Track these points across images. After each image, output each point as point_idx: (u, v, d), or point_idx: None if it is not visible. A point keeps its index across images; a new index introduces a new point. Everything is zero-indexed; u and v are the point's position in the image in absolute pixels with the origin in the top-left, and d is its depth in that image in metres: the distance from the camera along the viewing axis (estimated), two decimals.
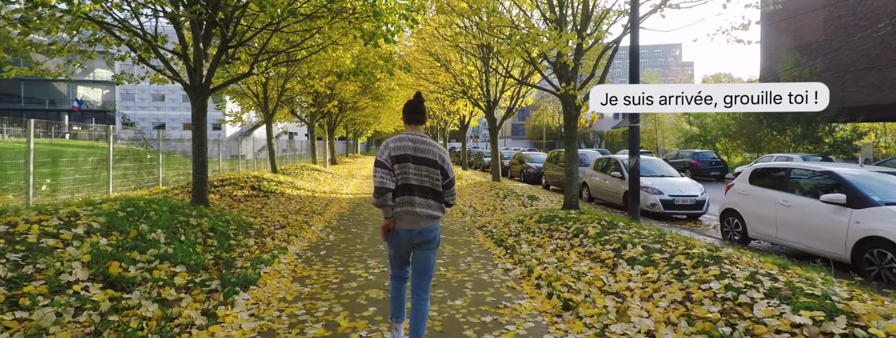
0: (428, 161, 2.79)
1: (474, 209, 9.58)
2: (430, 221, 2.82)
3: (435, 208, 2.84)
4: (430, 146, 2.82)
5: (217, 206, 8.26)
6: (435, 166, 2.80)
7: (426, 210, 2.79)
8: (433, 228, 2.85)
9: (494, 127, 15.70)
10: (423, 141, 2.82)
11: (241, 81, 13.39)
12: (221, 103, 20.98)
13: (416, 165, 2.78)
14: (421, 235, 2.82)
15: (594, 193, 11.68)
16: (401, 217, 2.79)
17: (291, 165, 18.20)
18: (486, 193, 11.48)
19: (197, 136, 8.30)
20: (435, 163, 2.80)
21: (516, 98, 15.06)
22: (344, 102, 22.22)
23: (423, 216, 2.78)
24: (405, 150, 2.78)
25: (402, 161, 2.77)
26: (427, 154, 2.80)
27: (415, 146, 2.79)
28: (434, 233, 2.87)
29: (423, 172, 2.79)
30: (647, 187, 9.44)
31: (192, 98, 8.27)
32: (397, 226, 2.81)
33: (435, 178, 2.81)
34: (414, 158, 2.78)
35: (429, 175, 2.80)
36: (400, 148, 2.79)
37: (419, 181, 2.78)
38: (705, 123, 30.48)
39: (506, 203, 10.14)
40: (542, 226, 6.67)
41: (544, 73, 9.82)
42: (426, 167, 2.79)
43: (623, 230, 5.39)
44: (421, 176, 2.78)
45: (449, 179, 2.86)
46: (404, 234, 2.81)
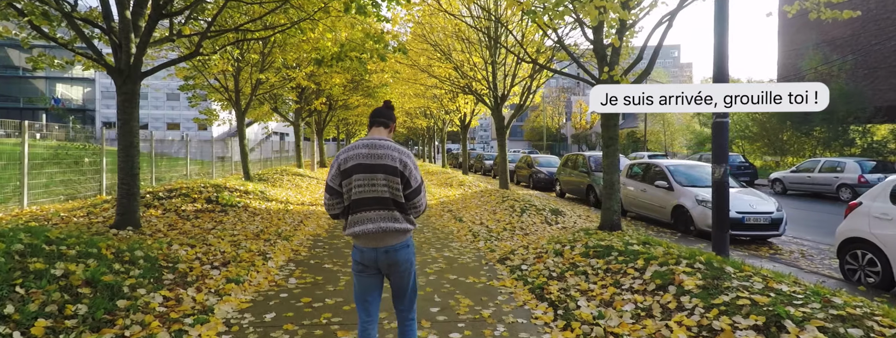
0: (385, 168, 2.33)
1: (488, 230, 7.58)
2: (398, 237, 2.39)
3: (401, 221, 2.39)
4: (387, 150, 2.36)
5: (152, 226, 6.24)
6: (394, 173, 2.34)
7: (391, 224, 2.35)
8: (404, 245, 2.41)
9: (502, 127, 13.69)
10: (381, 145, 2.38)
11: (204, 70, 11.35)
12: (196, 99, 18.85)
13: (371, 173, 2.33)
14: (388, 255, 2.38)
15: (627, 206, 9.71)
16: (360, 235, 2.36)
17: (270, 170, 16.11)
18: (498, 206, 9.48)
19: (124, 135, 6.27)
20: (394, 169, 2.34)
21: (527, 94, 13.07)
22: (333, 98, 20.19)
23: (390, 231, 2.35)
24: (357, 159, 2.35)
25: (351, 174, 2.35)
26: (384, 159, 2.34)
27: (369, 152, 2.36)
28: (405, 253, 2.42)
29: (381, 180, 2.33)
30: (705, 201, 7.48)
31: (118, 84, 6.25)
32: (359, 243, 2.40)
33: (394, 187, 2.35)
34: (366, 167, 2.33)
35: (388, 184, 2.34)
36: (350, 158, 2.36)
37: (376, 192, 2.34)
38: None
39: (525, 220, 8.14)
40: (596, 263, 4.67)
41: (574, 55, 7.86)
42: (382, 175, 2.33)
43: (743, 281, 3.41)
44: (377, 186, 2.34)
45: (412, 188, 2.38)
46: (368, 253, 2.38)
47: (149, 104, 44.88)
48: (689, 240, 7.41)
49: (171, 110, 44.85)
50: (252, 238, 6.15)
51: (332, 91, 17.75)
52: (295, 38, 9.66)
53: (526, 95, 13.03)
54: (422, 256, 5.81)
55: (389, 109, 2.59)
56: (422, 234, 7.38)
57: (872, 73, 22.01)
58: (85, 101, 47.02)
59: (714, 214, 4.91)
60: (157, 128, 44.82)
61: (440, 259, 5.66)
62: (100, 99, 43.76)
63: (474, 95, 14.01)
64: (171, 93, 42.83)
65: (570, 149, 61.57)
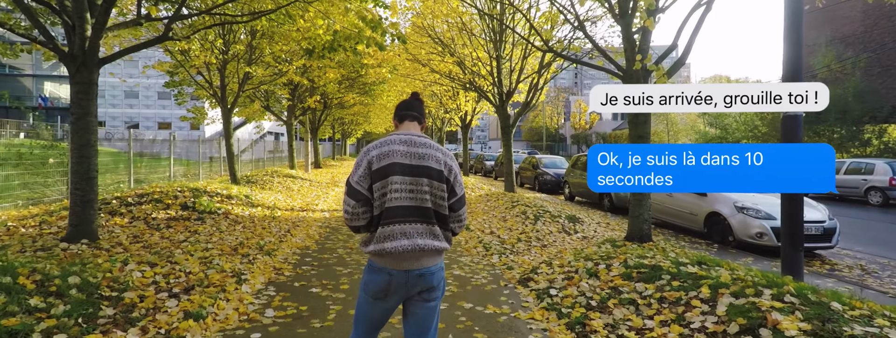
0: (429, 171, 1.91)
1: (500, 240, 6.69)
2: (435, 258, 1.96)
3: (441, 238, 1.97)
4: (431, 150, 1.94)
5: (112, 238, 5.34)
6: (439, 179, 1.92)
7: (430, 241, 1.92)
8: (439, 267, 1.99)
9: (507, 125, 12.82)
10: (422, 142, 1.95)
11: (186, 62, 10.42)
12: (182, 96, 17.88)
13: (412, 176, 1.89)
14: (423, 279, 1.93)
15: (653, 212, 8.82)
16: (392, 253, 1.88)
17: (260, 171, 15.18)
18: (508, 211, 8.60)
19: (78, 131, 5.38)
20: (439, 174, 1.93)
21: (533, 91, 12.20)
22: (328, 96, 19.28)
23: (428, 250, 1.92)
24: (392, 157, 1.89)
25: (385, 175, 1.88)
26: (427, 161, 1.92)
27: (408, 151, 1.92)
28: (440, 275, 1.99)
29: (424, 186, 1.90)
30: (746, 208, 6.62)
31: (71, 71, 5.35)
32: (384, 264, 1.91)
33: (439, 195, 1.93)
34: (407, 168, 1.89)
35: (431, 192, 1.92)
36: (384, 155, 1.89)
37: (417, 201, 1.90)
38: (726, 124, 27.87)
39: (541, 228, 7.26)
40: (645, 289, 3.79)
41: (595, 41, 7.01)
42: (427, 180, 1.91)
43: (866, 326, 2.54)
44: (420, 193, 1.90)
45: (457, 197, 1.99)
46: (398, 276, 1.90)
47: (140, 103, 43.83)
48: (728, 252, 6.54)
49: (162, 109, 43.78)
50: (228, 253, 5.24)
51: (326, 88, 16.85)
52: (284, 26, 8.76)
53: (532, 92, 12.17)
54: None
55: (419, 102, 2.15)
56: None
57: (886, 71, 21.26)
58: None
59: (785, 226, 4.04)
60: (148, 127, 43.76)
61: (450, 279, 4.77)
62: None
63: (478, 92, 13.13)
64: (162, 92, 41.79)
65: (570, 149, 60.80)
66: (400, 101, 2.31)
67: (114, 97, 43.27)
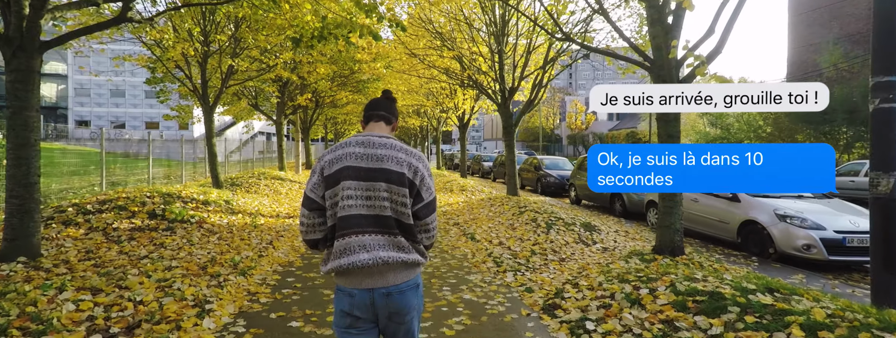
0: (387, 174, 1.65)
1: (512, 253, 5.89)
2: (404, 273, 1.68)
3: (409, 250, 1.69)
4: (391, 151, 1.69)
5: (59, 255, 4.51)
6: (400, 182, 1.65)
7: (394, 253, 1.65)
8: (411, 285, 1.70)
9: (510, 124, 12.02)
10: (382, 143, 1.70)
11: (162, 54, 9.55)
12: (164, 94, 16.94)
13: (368, 181, 1.64)
14: (391, 300, 1.66)
15: None
16: (350, 270, 1.64)
17: (245, 174, 14.29)
18: (515, 218, 7.80)
19: (15, 128, 4.52)
20: (400, 177, 1.65)
21: (537, 88, 11.44)
22: (319, 94, 18.43)
23: (393, 264, 1.65)
24: (345, 160, 1.67)
25: (337, 181, 1.65)
26: (386, 163, 1.66)
27: (364, 153, 1.68)
28: (413, 297, 1.70)
29: (382, 192, 1.64)
30: (789, 217, 5.86)
31: (6, 56, 4.50)
32: (345, 283, 1.68)
33: (400, 201, 1.66)
34: (361, 172, 1.65)
35: (390, 198, 1.65)
36: (336, 159, 1.68)
37: (375, 208, 1.65)
38: (728, 125, 27.27)
39: (555, 238, 6.47)
40: (710, 327, 3.00)
41: (619, 28, 6.24)
42: (385, 184, 1.65)
43: None
44: (377, 200, 1.65)
45: (423, 203, 1.70)
46: (361, 297, 1.65)
47: (126, 102, 42.68)
48: (771, 267, 5.78)
49: (149, 109, 42.62)
50: (194, 274, 4.40)
51: (317, 86, 16.00)
52: (269, 13, 7.93)
53: (536, 89, 11.41)
54: (432, 299, 4.12)
55: (390, 101, 1.92)
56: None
57: None
58: (59, 98, 44.60)
59: (878, 243, 3.28)
60: (135, 127, 42.62)
61: (460, 306, 3.97)
62: (73, 96, 41.42)
63: (479, 89, 12.33)
64: (149, 90, 40.61)
65: (566, 150, 60.22)
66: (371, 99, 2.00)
67: (99, 96, 42.08)
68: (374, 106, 1.88)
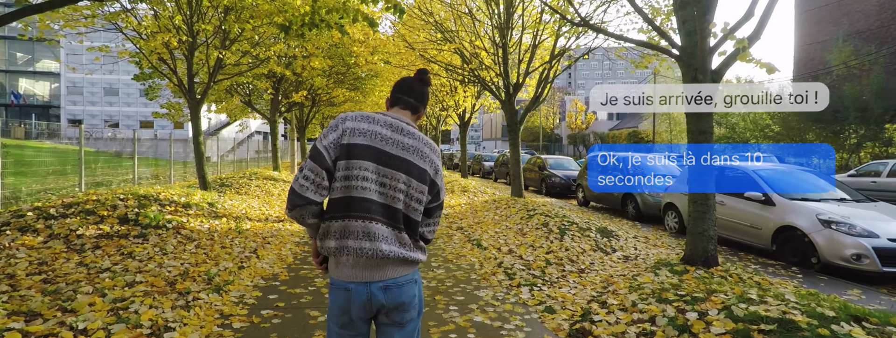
0: (410, 167, 1.56)
1: (524, 263, 5.27)
2: (403, 269, 1.59)
3: (410, 247, 1.60)
4: (419, 143, 1.58)
5: (7, 267, 3.87)
6: (421, 178, 1.57)
7: (397, 249, 1.55)
8: (409, 279, 1.60)
9: (515, 122, 11.41)
10: (410, 132, 1.60)
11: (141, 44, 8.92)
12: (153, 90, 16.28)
13: (388, 168, 1.54)
14: (389, 293, 1.56)
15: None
16: (345, 258, 1.54)
17: (236, 173, 13.64)
18: (524, 223, 7.18)
19: None
20: (422, 174, 1.58)
21: (542, 84, 10.85)
22: (315, 91, 17.81)
23: (393, 259, 1.55)
24: (371, 138, 1.54)
25: (360, 155, 1.52)
26: (411, 154, 1.57)
27: (392, 137, 1.56)
28: (411, 289, 1.60)
29: (400, 184, 1.55)
30: (834, 222, 5.25)
31: None
32: (340, 275, 1.57)
33: (416, 197, 1.57)
34: (383, 156, 1.53)
35: (407, 191, 1.56)
36: (361, 133, 1.53)
37: (387, 198, 1.54)
38: (733, 123, 26.69)
39: (570, 245, 5.85)
40: None
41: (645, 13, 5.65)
42: (405, 176, 1.55)
43: None
44: (392, 189, 1.54)
45: (438, 202, 1.67)
46: (358, 292, 1.54)
47: (120, 101, 41.97)
48: (817, 279, 5.17)
49: (144, 107, 41.87)
50: (160, 291, 3.77)
51: (313, 81, 15.37)
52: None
53: (542, 85, 10.81)
54: (438, 322, 3.50)
55: (425, 84, 1.72)
56: (429, 269, 5.06)
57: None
58: (52, 97, 43.87)
59: None
60: (129, 126, 41.88)
61: (471, 331, 3.35)
62: (65, 94, 40.69)
63: (482, 85, 11.72)
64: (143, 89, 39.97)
65: (566, 150, 59.67)
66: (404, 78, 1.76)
67: (92, 94, 41.33)
68: (406, 89, 1.71)
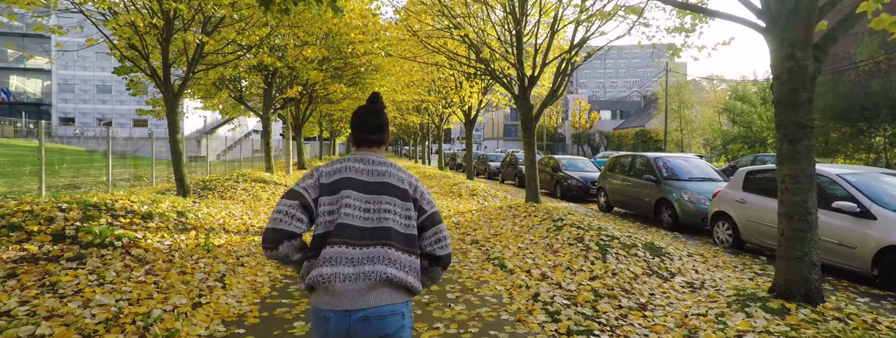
0: (391, 188, 1.62)
1: (566, 293, 4.11)
2: (388, 294, 1.50)
3: (405, 269, 1.54)
4: (391, 169, 1.66)
5: None
6: (404, 198, 1.62)
7: (385, 268, 1.50)
8: (394, 312, 1.50)
9: (529, 119, 10.20)
10: (381, 162, 1.67)
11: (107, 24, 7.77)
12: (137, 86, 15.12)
13: (369, 194, 1.60)
14: (367, 325, 1.46)
15: (750, 234, 6.31)
16: (326, 285, 1.48)
17: (222, 175, 12.48)
18: (553, 236, 6.03)
19: None
20: (404, 193, 1.63)
21: (561, 77, 9.69)
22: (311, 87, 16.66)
23: (377, 281, 1.49)
24: (346, 172, 1.62)
25: (337, 190, 1.59)
26: (387, 178, 1.63)
27: (364, 168, 1.65)
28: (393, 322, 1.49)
29: (384, 204, 1.58)
30: None
31: None
32: (322, 304, 1.49)
33: (404, 214, 1.60)
34: (361, 184, 1.61)
35: (393, 211, 1.59)
36: (336, 172, 1.62)
37: (373, 221, 1.56)
38: (750, 122, 25.53)
39: (616, 267, 4.70)
40: None
41: None
42: (388, 197, 1.60)
43: None
44: (378, 212, 1.57)
45: (427, 214, 1.65)
46: (337, 322, 1.46)
47: (112, 99, 40.83)
48: None
49: (137, 105, 40.66)
50: None
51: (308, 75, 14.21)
52: None
53: (560, 78, 9.65)
54: None
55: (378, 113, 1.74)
56: (446, 304, 3.90)
57: None
58: (44, 94, 42.72)
59: None
60: (122, 125, 40.80)
61: None
62: (57, 92, 39.54)
63: (493, 77, 10.54)
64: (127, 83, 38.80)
65: (570, 149, 58.55)
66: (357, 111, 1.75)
67: (84, 92, 40.17)
68: (365, 126, 1.72)
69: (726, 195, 6.71)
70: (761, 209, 6.09)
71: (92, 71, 39.74)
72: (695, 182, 8.50)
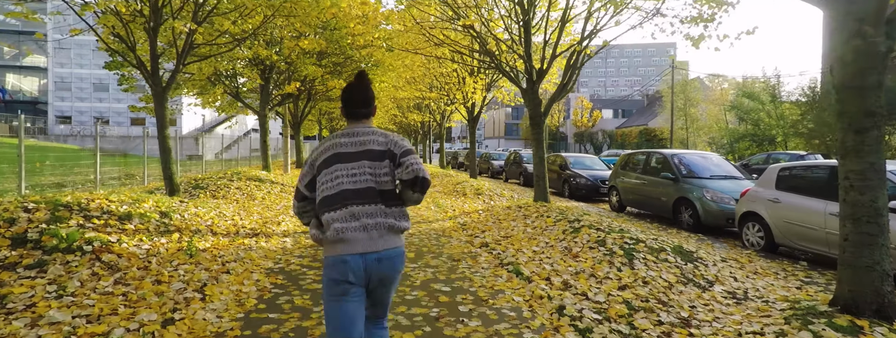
0: (369, 154, 1.95)
1: (596, 306, 3.60)
2: (392, 239, 1.91)
3: (395, 216, 1.93)
4: (372, 136, 1.99)
5: None
6: (379, 158, 1.95)
7: (383, 219, 1.89)
8: (397, 251, 1.92)
9: (538, 114, 9.66)
10: (364, 132, 2.00)
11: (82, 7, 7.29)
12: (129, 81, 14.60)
13: (351, 162, 1.95)
14: (380, 265, 1.87)
15: (785, 236, 5.79)
16: (343, 237, 1.85)
17: (216, 173, 11.98)
18: (570, 238, 5.52)
19: None
20: (380, 154, 1.95)
21: (572, 69, 9.16)
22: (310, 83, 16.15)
23: (382, 229, 1.88)
24: (336, 148, 1.98)
25: (329, 164, 1.96)
26: (368, 144, 1.97)
27: (350, 141, 1.99)
28: (398, 263, 1.92)
29: (366, 169, 1.93)
30: None
31: None
32: (339, 251, 1.85)
33: (382, 173, 1.94)
34: (347, 156, 1.96)
35: (373, 172, 1.94)
36: (328, 148, 1.99)
37: (357, 183, 1.91)
38: (758, 119, 25.00)
39: (646, 274, 4.19)
40: None
41: None
42: (368, 162, 1.95)
43: None
44: (359, 175, 1.93)
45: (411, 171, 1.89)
46: (354, 262, 1.83)
47: (110, 97, 40.30)
48: None
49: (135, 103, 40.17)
50: None
51: (306, 70, 13.69)
52: None
53: (570, 71, 9.12)
54: None
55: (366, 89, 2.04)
56: (458, 319, 3.39)
57: None
58: (40, 93, 42.23)
59: None
60: (120, 123, 40.30)
61: None
62: (53, 90, 39.02)
63: (501, 71, 10.02)
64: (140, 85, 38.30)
65: (572, 148, 58.03)
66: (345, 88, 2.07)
67: (81, 90, 39.64)
68: (354, 103, 2.03)
69: (757, 194, 6.19)
70: (798, 209, 5.57)
71: (89, 68, 39.19)
72: (717, 180, 7.98)
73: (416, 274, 4.54)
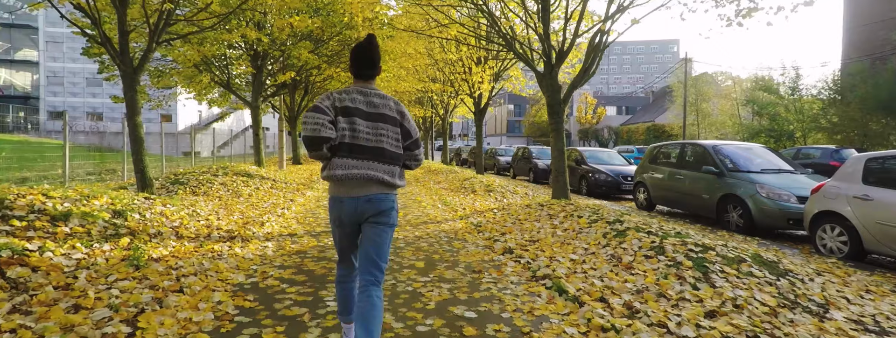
0: (384, 117, 2.22)
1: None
2: (382, 189, 2.20)
3: (393, 175, 2.21)
4: (384, 100, 2.24)
5: None
6: (394, 123, 2.24)
7: (379, 174, 2.17)
8: (387, 198, 2.21)
9: (557, 102, 8.58)
10: (376, 94, 2.25)
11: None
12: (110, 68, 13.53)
13: (372, 121, 2.20)
14: (370, 203, 2.18)
15: (881, 241, 4.76)
16: (343, 181, 2.16)
17: (200, 168, 10.93)
18: (616, 243, 4.49)
19: None
20: (394, 120, 2.24)
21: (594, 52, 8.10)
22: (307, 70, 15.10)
23: (375, 181, 2.17)
24: (354, 103, 2.19)
25: (354, 114, 2.18)
26: (382, 109, 2.22)
27: (365, 100, 2.21)
28: (389, 203, 2.22)
29: (381, 130, 2.21)
30: None
31: None
32: (338, 192, 2.19)
33: (393, 137, 2.23)
34: (365, 114, 2.19)
35: (387, 135, 2.22)
36: (344, 99, 2.18)
37: (375, 141, 2.19)
38: (776, 114, 23.90)
39: (734, 295, 3.15)
40: None
41: None
42: (383, 124, 2.21)
43: None
44: (379, 134, 2.20)
45: (412, 139, 2.29)
46: (349, 203, 2.18)
47: (103, 92, 39.19)
48: None
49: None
50: None
51: (300, 56, 12.63)
52: None
53: (593, 54, 8.06)
54: None
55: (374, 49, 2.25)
56: None
57: None
58: (32, 88, 41.13)
59: None
60: (114, 119, 39.20)
61: None
62: (45, 85, 37.96)
63: (515, 53, 8.94)
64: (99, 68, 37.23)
65: (576, 145, 56.96)
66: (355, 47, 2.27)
67: (74, 85, 38.57)
68: (364, 64, 2.24)
69: (836, 190, 5.14)
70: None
71: (81, 63, 38.09)
72: (769, 175, 6.93)
73: (428, 292, 3.50)
